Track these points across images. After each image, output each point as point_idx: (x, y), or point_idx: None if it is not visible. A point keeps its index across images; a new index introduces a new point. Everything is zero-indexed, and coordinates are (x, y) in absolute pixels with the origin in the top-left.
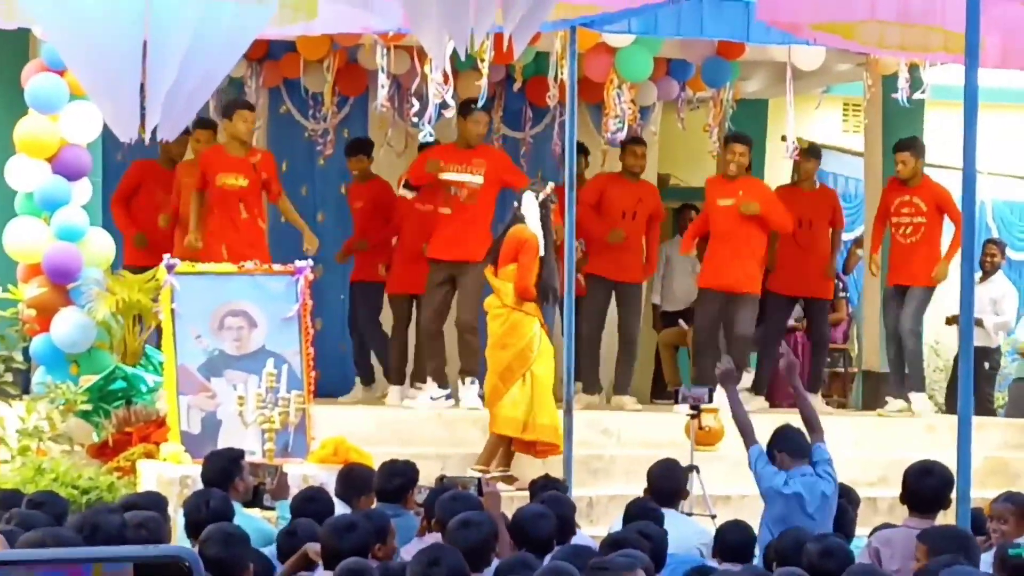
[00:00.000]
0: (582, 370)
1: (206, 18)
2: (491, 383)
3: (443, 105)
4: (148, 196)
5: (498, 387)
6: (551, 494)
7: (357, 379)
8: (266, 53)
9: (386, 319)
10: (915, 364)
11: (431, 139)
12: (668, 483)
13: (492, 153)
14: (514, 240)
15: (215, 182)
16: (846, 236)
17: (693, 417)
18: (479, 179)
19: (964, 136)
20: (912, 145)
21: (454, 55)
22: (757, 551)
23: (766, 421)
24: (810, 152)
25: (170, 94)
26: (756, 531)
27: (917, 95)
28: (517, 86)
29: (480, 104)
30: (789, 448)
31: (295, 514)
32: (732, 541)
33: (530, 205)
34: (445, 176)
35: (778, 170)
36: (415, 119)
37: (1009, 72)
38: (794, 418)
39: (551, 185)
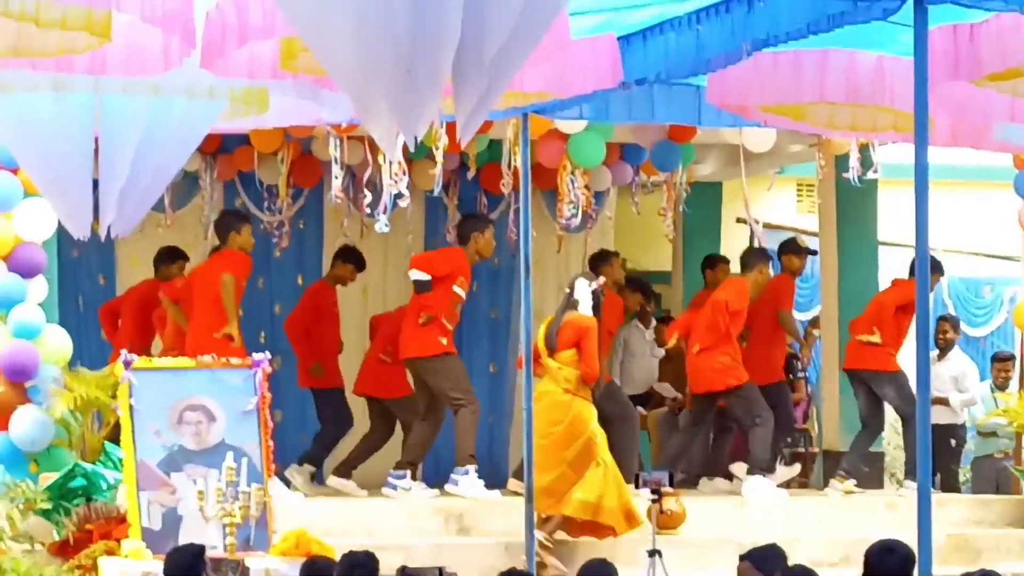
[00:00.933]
0: None
1: (157, 114)
2: (558, 471)
3: (398, 195)
4: None
5: (567, 475)
6: None
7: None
8: (220, 146)
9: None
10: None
11: (386, 229)
12: None
13: None
14: (574, 326)
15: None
16: (803, 316)
17: (654, 501)
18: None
19: (916, 214)
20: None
21: (407, 145)
22: None
23: None
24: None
25: (124, 190)
26: None
27: (869, 174)
28: (471, 174)
29: (436, 191)
30: None
31: None
32: None
33: (583, 291)
34: (457, 290)
35: (734, 252)
36: (367, 209)
37: (959, 150)
38: None
39: (602, 279)
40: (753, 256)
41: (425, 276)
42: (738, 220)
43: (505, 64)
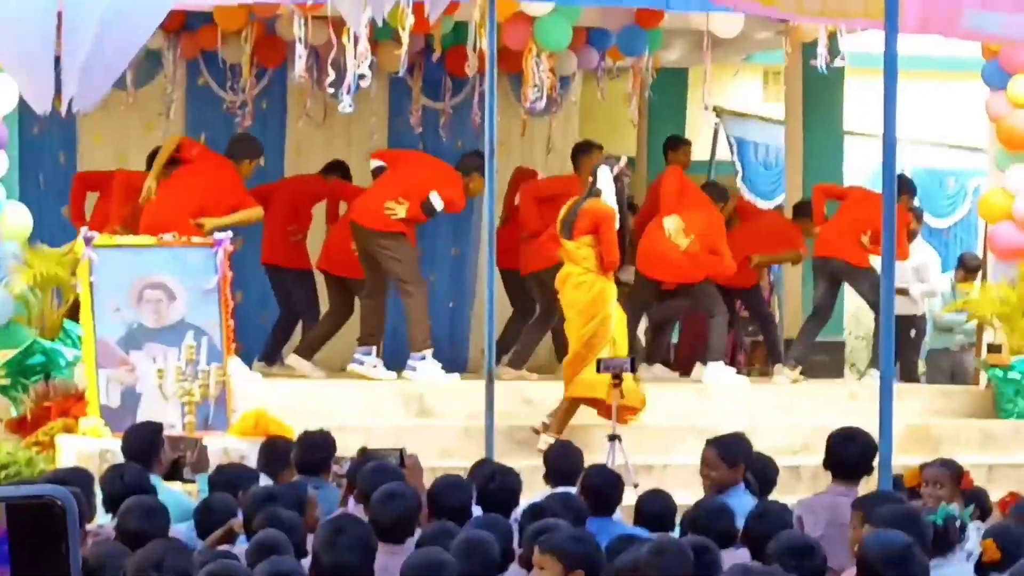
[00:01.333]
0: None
1: None
2: (573, 350)
3: (361, 76)
4: None
5: (581, 354)
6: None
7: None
8: (183, 25)
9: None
10: None
11: (350, 110)
12: (565, 464)
13: None
14: (592, 213)
15: None
16: (768, 204)
17: (615, 387)
18: None
19: (884, 104)
20: None
21: (373, 24)
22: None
23: None
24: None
25: (86, 66)
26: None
27: (836, 62)
28: (436, 56)
29: (402, 71)
30: None
31: (216, 487)
32: (653, 510)
33: (605, 179)
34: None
35: (697, 138)
36: (331, 89)
37: (929, 38)
38: None
39: (624, 159)
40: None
41: (440, 203)
42: (705, 108)
43: None
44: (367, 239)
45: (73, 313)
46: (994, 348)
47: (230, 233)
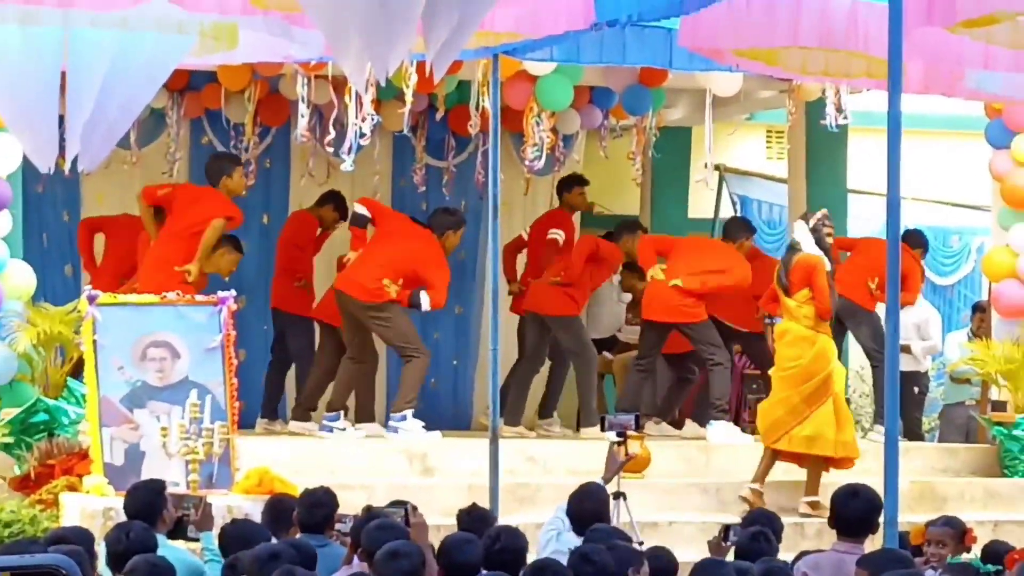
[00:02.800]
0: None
1: (125, 48)
2: (791, 404)
3: (362, 134)
4: None
5: (800, 409)
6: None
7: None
8: (187, 83)
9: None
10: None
11: (351, 168)
12: (589, 506)
13: None
14: (803, 266)
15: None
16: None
17: (619, 444)
18: None
19: (888, 162)
20: None
21: (376, 84)
22: None
23: None
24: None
25: (90, 124)
26: None
27: (840, 121)
28: (440, 115)
29: (405, 129)
30: None
31: (224, 544)
32: (657, 568)
33: (802, 232)
34: None
35: (700, 197)
36: (330, 148)
37: (931, 98)
38: None
39: (823, 211)
40: (735, 228)
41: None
42: (706, 165)
43: (475, 2)
44: (356, 309)
45: (77, 371)
46: (999, 405)
47: (233, 292)
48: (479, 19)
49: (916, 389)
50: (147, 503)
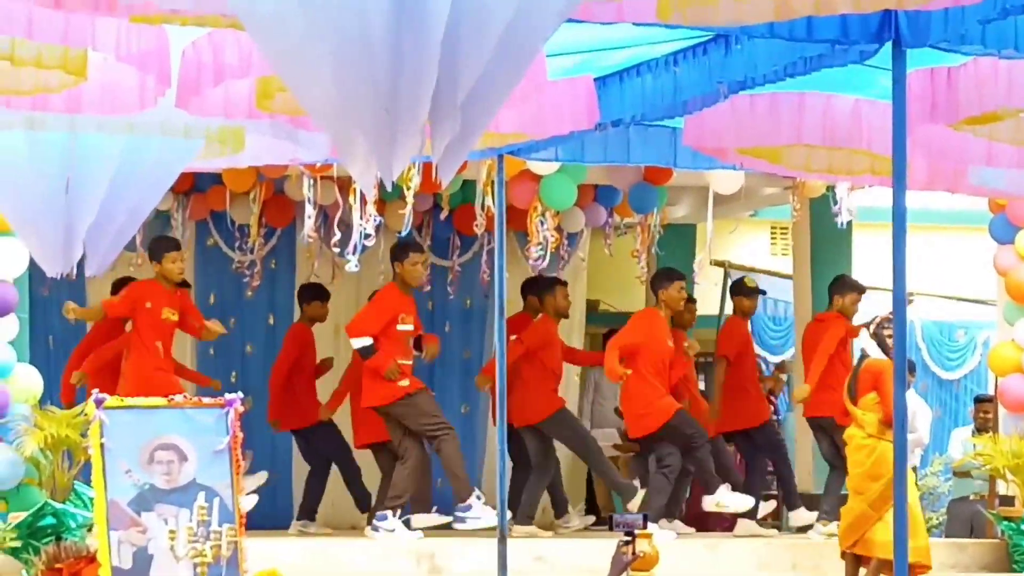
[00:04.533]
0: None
1: (132, 152)
2: (859, 510)
3: (366, 235)
4: None
5: (868, 514)
6: None
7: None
8: (192, 186)
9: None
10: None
11: (356, 269)
12: None
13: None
14: (870, 372)
15: (160, 314)
16: (776, 359)
17: (627, 544)
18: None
19: (893, 259)
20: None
21: (380, 184)
22: None
23: None
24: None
25: (97, 228)
26: None
27: (845, 217)
28: (444, 215)
29: (405, 232)
30: None
31: None
32: None
33: (865, 340)
34: (401, 328)
35: (706, 294)
36: (336, 249)
37: (934, 193)
38: None
39: (882, 315)
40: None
41: (367, 341)
42: (712, 263)
43: (481, 105)
44: (385, 413)
45: (84, 475)
46: (1007, 500)
47: (240, 394)
48: (486, 123)
49: None
50: None
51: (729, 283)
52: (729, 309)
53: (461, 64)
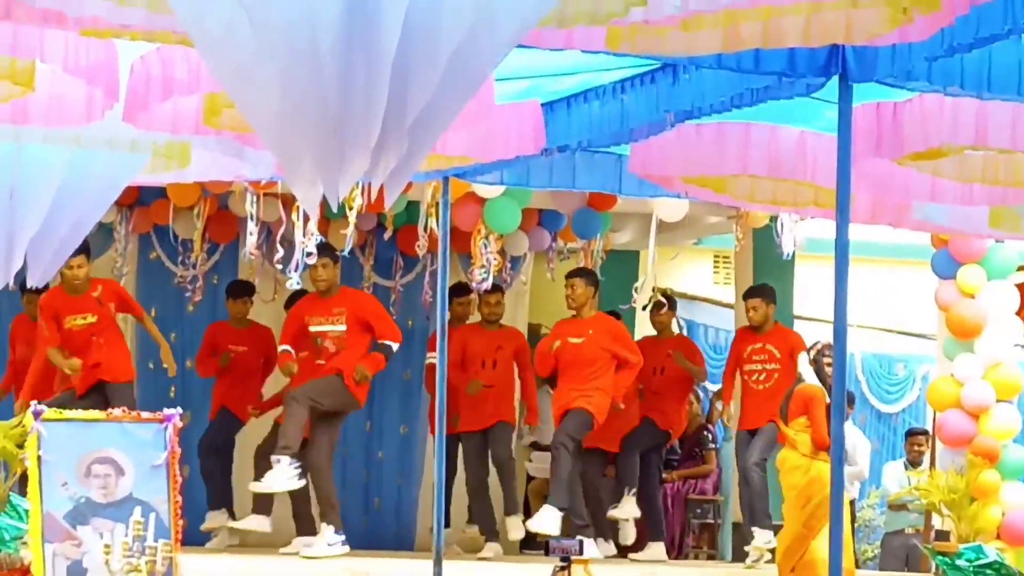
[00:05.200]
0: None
1: (77, 165)
2: (794, 532)
3: (308, 253)
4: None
5: (803, 535)
6: None
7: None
8: (136, 199)
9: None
10: (758, 499)
11: (298, 286)
12: None
13: (354, 298)
14: (802, 397)
15: (63, 325)
16: (713, 387)
17: (563, 569)
18: (341, 327)
19: (835, 290)
20: (761, 292)
21: (325, 203)
22: None
23: None
24: (660, 303)
25: (40, 239)
26: None
27: (788, 248)
28: (388, 235)
29: (346, 251)
30: None
31: None
32: None
33: (804, 365)
34: (312, 329)
35: (647, 321)
36: (278, 266)
37: (877, 226)
38: None
39: (824, 342)
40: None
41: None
42: (654, 289)
43: (427, 128)
44: None
45: (20, 487)
46: (942, 535)
47: (179, 409)
48: (431, 145)
49: None
50: None
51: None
52: None
53: (410, 86)
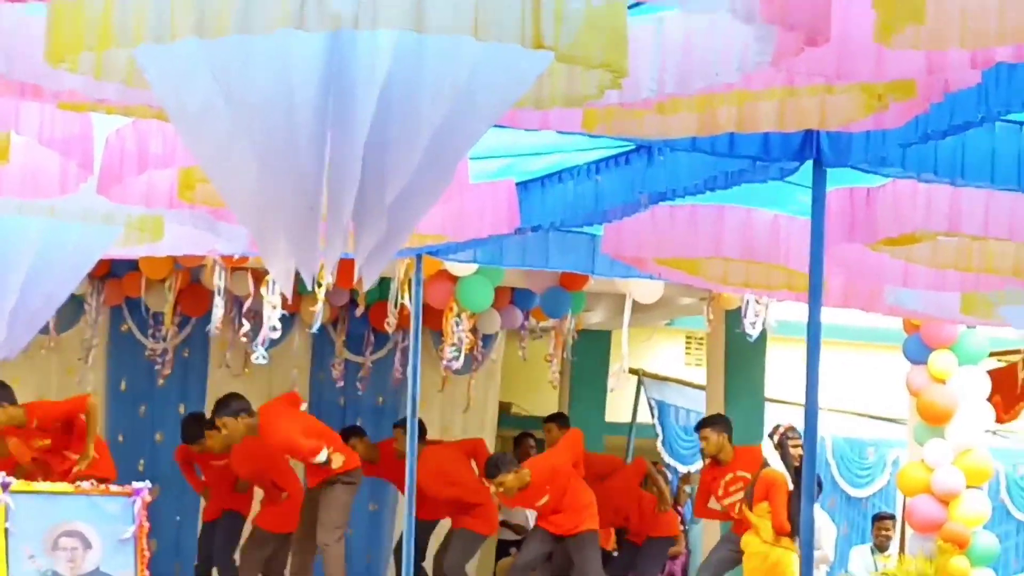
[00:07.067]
0: None
1: (51, 237)
2: None
3: (273, 327)
4: None
5: None
6: None
7: None
8: (108, 271)
9: None
10: None
11: (263, 361)
12: None
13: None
14: (764, 482)
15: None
16: (688, 469)
17: None
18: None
19: (807, 374)
20: (709, 422)
21: (298, 278)
22: None
23: None
24: None
25: (12, 313)
26: None
27: (757, 330)
28: (360, 311)
29: (315, 328)
30: None
31: None
32: None
33: (769, 451)
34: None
35: (618, 400)
36: (243, 339)
37: (848, 310)
38: None
39: (786, 425)
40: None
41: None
42: (630, 371)
43: (408, 209)
44: None
45: None
46: None
47: (148, 483)
48: (412, 226)
49: None
50: None
51: (643, 391)
52: (641, 417)
53: (389, 166)
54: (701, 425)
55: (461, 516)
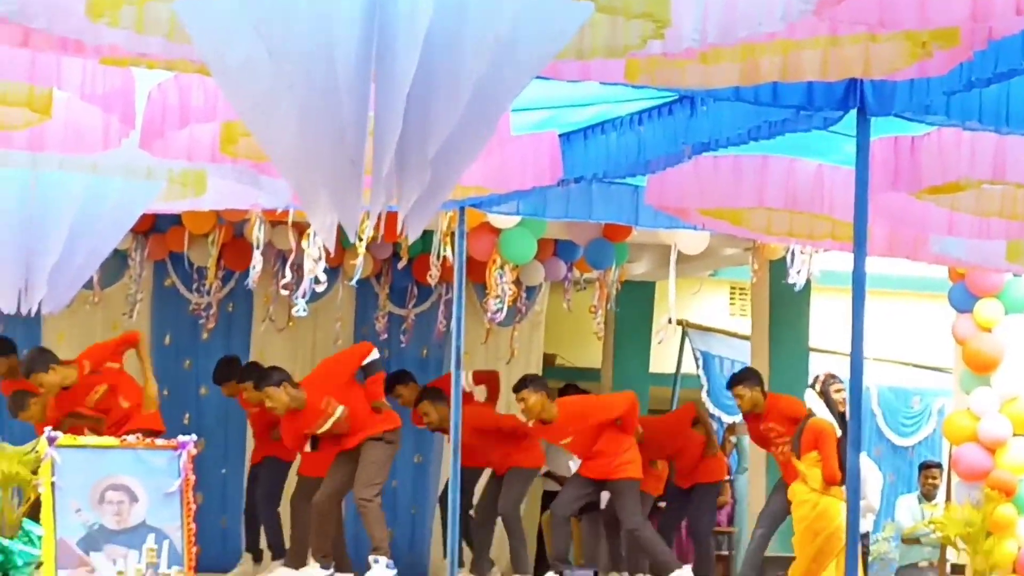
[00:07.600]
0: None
1: (94, 192)
2: (803, 567)
3: (316, 280)
4: None
5: (812, 569)
6: None
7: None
8: (152, 226)
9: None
10: None
11: (304, 314)
12: None
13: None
14: (812, 431)
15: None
16: (733, 419)
17: None
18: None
19: (852, 324)
20: (740, 379)
21: (341, 231)
22: None
23: None
24: None
25: (57, 267)
26: None
27: (802, 280)
28: (403, 264)
29: (355, 281)
30: None
31: None
32: None
33: (812, 401)
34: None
35: (662, 351)
36: (284, 291)
37: (893, 259)
38: None
39: (825, 372)
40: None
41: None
42: (669, 320)
43: (451, 161)
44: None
45: (34, 513)
46: (957, 568)
47: (194, 436)
48: (456, 179)
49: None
50: None
51: (687, 342)
52: (686, 368)
53: (432, 119)
54: (733, 382)
55: (506, 458)
